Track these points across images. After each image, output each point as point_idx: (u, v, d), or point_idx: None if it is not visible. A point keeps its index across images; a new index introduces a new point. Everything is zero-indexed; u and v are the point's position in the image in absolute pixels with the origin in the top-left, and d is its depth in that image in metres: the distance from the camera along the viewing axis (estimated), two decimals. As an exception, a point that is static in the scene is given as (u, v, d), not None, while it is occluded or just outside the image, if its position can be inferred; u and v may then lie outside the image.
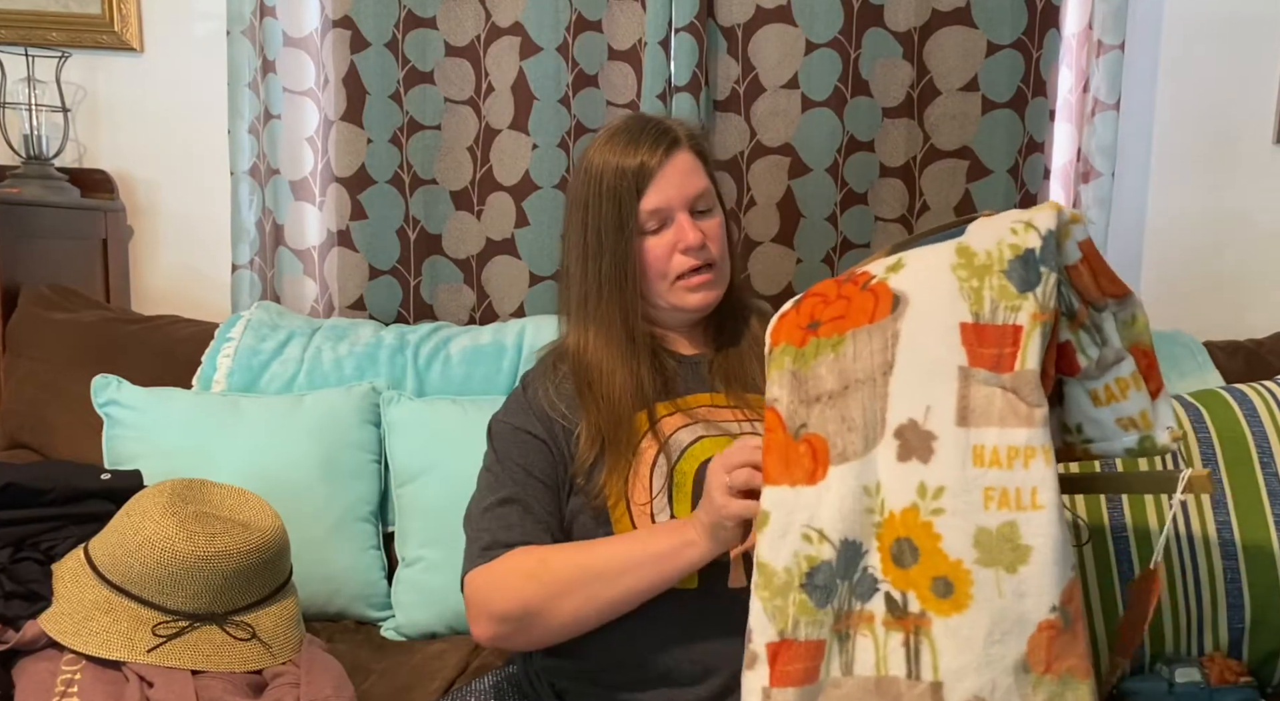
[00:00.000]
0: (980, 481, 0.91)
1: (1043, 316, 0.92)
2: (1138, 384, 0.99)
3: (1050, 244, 0.94)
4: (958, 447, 0.92)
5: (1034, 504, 0.90)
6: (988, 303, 0.94)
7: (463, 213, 2.02)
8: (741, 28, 1.94)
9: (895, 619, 0.93)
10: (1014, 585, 0.90)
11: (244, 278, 1.97)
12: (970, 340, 0.93)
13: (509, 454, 1.20)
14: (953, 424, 0.92)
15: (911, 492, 0.93)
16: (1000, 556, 0.90)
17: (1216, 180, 2.01)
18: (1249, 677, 1.29)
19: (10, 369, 1.79)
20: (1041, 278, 0.93)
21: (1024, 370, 0.92)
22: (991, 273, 0.94)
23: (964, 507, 0.91)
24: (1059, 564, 0.89)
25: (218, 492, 1.37)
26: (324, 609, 1.58)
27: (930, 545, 0.92)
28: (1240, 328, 1.89)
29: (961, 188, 1.97)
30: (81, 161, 2.08)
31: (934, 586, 0.92)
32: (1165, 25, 1.98)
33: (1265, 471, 1.36)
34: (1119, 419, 1.00)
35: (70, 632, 1.24)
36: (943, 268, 0.97)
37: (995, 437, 0.91)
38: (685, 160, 1.21)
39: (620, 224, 1.19)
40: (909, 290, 0.97)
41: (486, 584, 1.12)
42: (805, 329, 1.02)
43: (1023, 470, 0.90)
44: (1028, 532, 0.89)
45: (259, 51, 1.94)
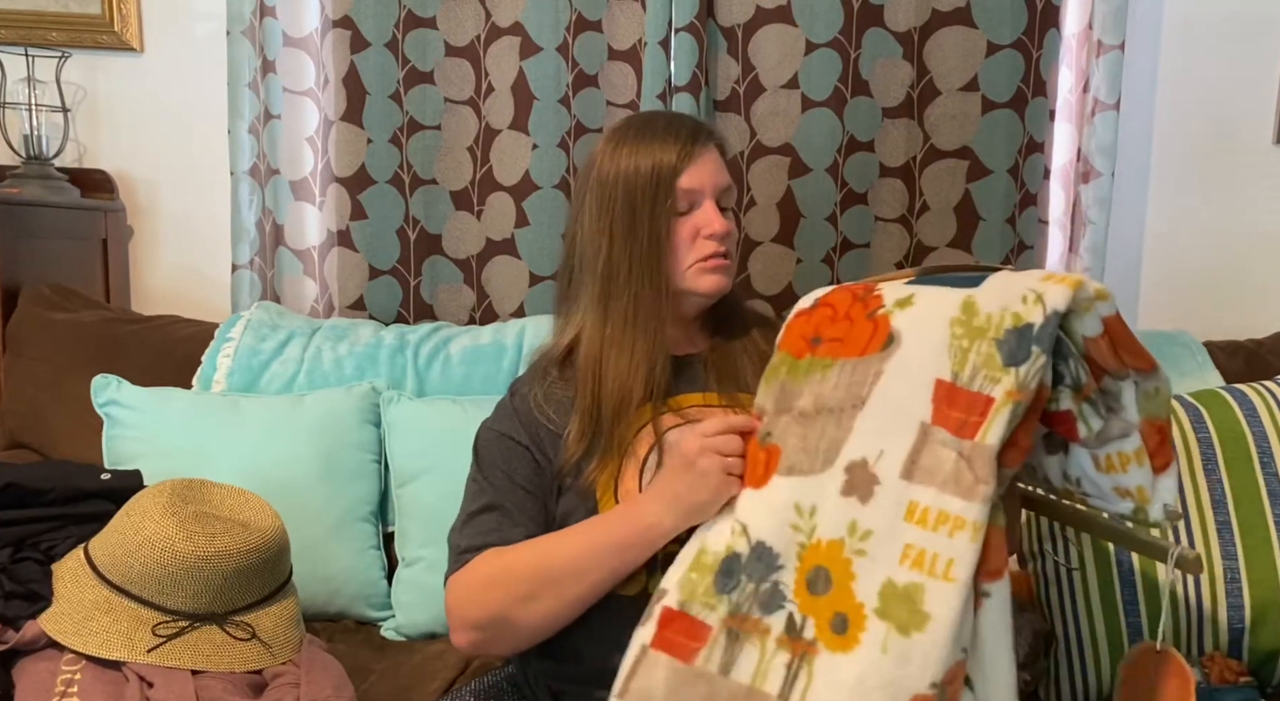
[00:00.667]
0: (904, 536, 0.91)
1: (1017, 395, 0.90)
2: (1140, 460, 0.96)
3: (1051, 324, 0.90)
4: (895, 498, 0.92)
5: (946, 574, 0.88)
6: (970, 367, 0.92)
7: (463, 213, 2.02)
8: (741, 28, 1.94)
9: (789, 639, 0.94)
10: (901, 648, 0.88)
11: (244, 278, 1.97)
12: (940, 398, 0.93)
13: (492, 461, 1.21)
14: (897, 475, 0.93)
15: (843, 528, 0.94)
16: (897, 613, 0.89)
17: (1216, 180, 2.01)
18: (1249, 677, 1.29)
19: (10, 369, 1.79)
20: (1030, 357, 0.90)
21: (982, 443, 0.90)
22: (984, 338, 0.93)
23: (883, 556, 0.91)
24: (952, 642, 0.87)
25: (218, 492, 1.37)
26: (324, 609, 1.59)
27: (844, 581, 0.93)
28: (1240, 328, 1.89)
29: (961, 188, 1.97)
30: (81, 161, 2.08)
31: (833, 621, 0.92)
32: (1165, 25, 1.98)
33: (1265, 471, 1.36)
34: (1116, 487, 0.98)
35: (70, 632, 1.24)
36: (942, 318, 0.96)
37: (931, 498, 0.90)
38: (715, 155, 1.25)
39: (656, 199, 1.20)
40: (905, 331, 0.97)
41: (459, 592, 1.14)
42: (808, 342, 1.04)
43: (946, 538, 0.89)
44: (930, 600, 0.88)
45: (259, 51, 1.94)
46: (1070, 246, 2.00)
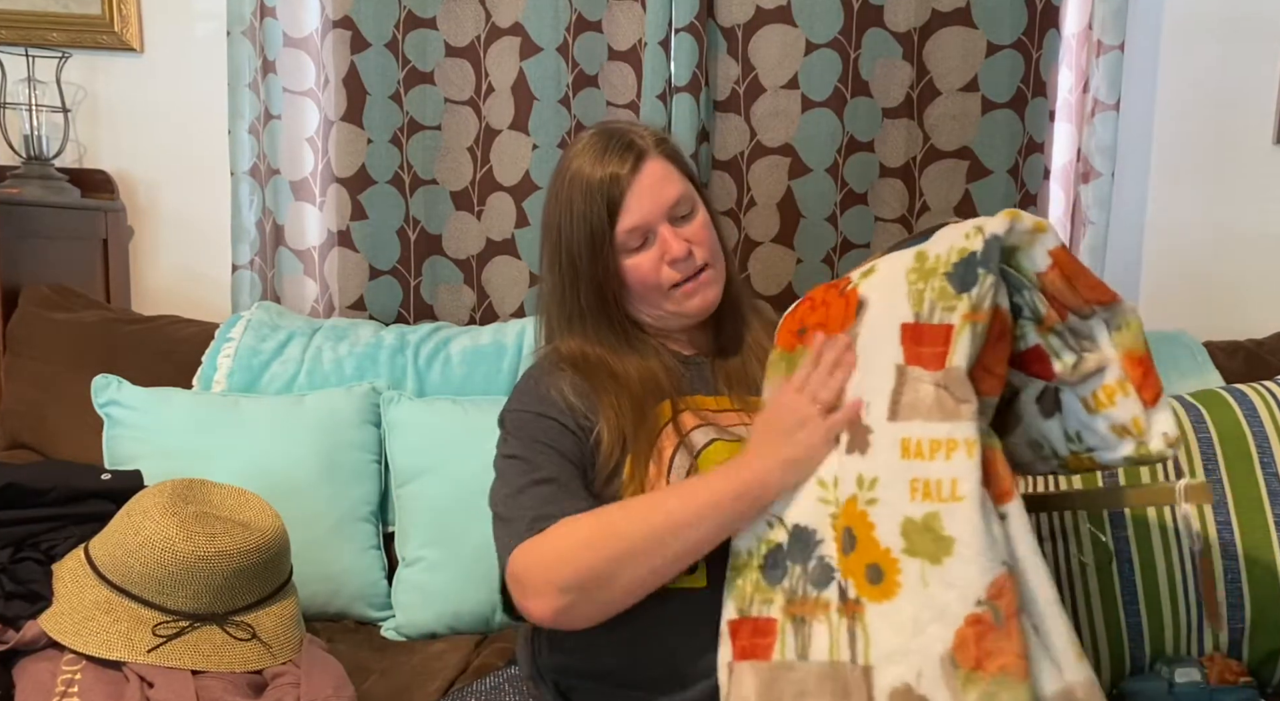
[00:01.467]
0: (907, 472, 0.94)
1: (974, 316, 0.94)
2: (1125, 390, 0.99)
3: (993, 248, 0.95)
4: (889, 440, 0.96)
5: (954, 495, 0.91)
6: (927, 303, 0.97)
7: (463, 213, 2.03)
8: (741, 28, 1.94)
9: (844, 605, 0.97)
10: (939, 575, 0.91)
11: (244, 278, 1.97)
12: (908, 339, 0.97)
13: (536, 437, 1.15)
14: (884, 418, 0.96)
15: (853, 484, 0.97)
16: (924, 546, 0.92)
17: (1216, 180, 2.01)
18: (1249, 677, 1.29)
19: (10, 369, 1.79)
20: (978, 279, 0.95)
21: (951, 367, 0.94)
22: (936, 275, 0.97)
23: (893, 498, 0.94)
24: (983, 556, 0.89)
25: (218, 492, 1.37)
26: (324, 609, 1.58)
27: (865, 533, 0.95)
28: (1240, 328, 1.89)
29: (961, 188, 1.97)
30: (82, 162, 2.08)
31: (867, 573, 0.94)
32: (1165, 25, 1.98)
33: (1265, 471, 1.36)
34: (1112, 426, 1.00)
35: (70, 632, 1.24)
36: (899, 272, 1.01)
37: (920, 430, 0.94)
38: (655, 169, 1.17)
39: (595, 250, 1.16)
40: (870, 295, 1.03)
41: (542, 556, 1.06)
42: (796, 334, 1.09)
43: (944, 461, 0.92)
44: (949, 524, 0.91)
45: (259, 52, 1.94)
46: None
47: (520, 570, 1.07)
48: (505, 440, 1.19)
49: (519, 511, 1.11)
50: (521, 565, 1.07)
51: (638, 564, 1.05)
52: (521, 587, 1.08)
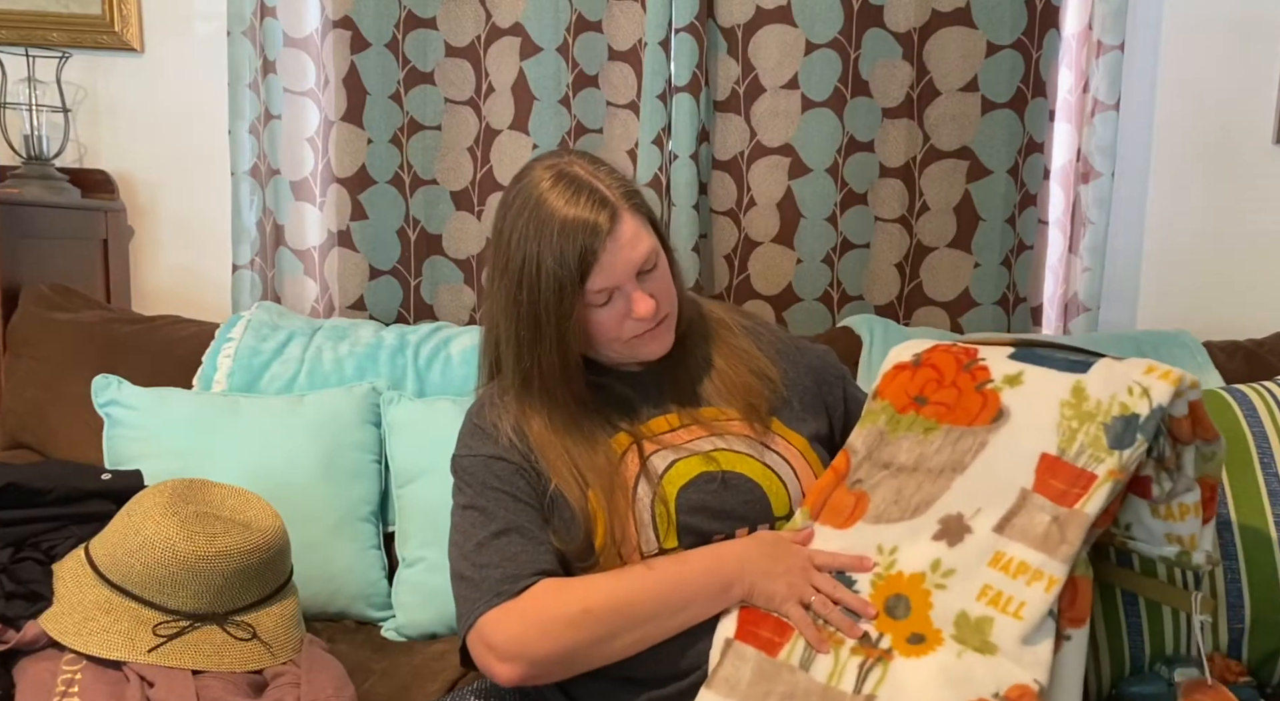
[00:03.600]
0: (985, 577, 1.00)
1: (1118, 475, 0.99)
2: (1198, 512, 1.06)
3: (1156, 416, 1.00)
4: (984, 547, 1.01)
5: (1016, 613, 0.97)
6: (1077, 444, 1.02)
7: (463, 213, 2.03)
8: (741, 28, 1.94)
9: (863, 648, 1.02)
10: (972, 659, 0.97)
11: (244, 278, 1.97)
12: (1044, 469, 1.02)
13: (488, 483, 1.14)
14: (990, 529, 1.01)
15: (926, 564, 1.03)
16: (970, 640, 0.98)
17: (1216, 180, 2.01)
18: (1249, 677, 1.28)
19: (10, 369, 1.79)
20: (1134, 444, 1.00)
21: (1080, 512, 0.99)
22: (1093, 421, 1.02)
23: (962, 591, 1.01)
24: (1017, 667, 0.96)
25: (218, 493, 1.37)
26: (324, 609, 1.58)
27: (921, 609, 1.02)
28: (1240, 328, 1.89)
29: (961, 188, 1.97)
30: (82, 162, 2.08)
31: (910, 637, 1.01)
32: (1165, 25, 1.98)
33: (1265, 471, 1.36)
34: (1168, 534, 1.07)
35: (71, 632, 1.24)
36: (1053, 399, 1.05)
37: (1019, 551, 0.99)
38: (628, 228, 1.11)
39: (562, 310, 1.11)
40: (1014, 408, 1.07)
41: (520, 625, 1.07)
42: (912, 399, 1.13)
43: (1024, 586, 0.98)
44: (998, 632, 0.97)
45: (259, 52, 1.94)
46: (1070, 246, 2.00)
47: (491, 635, 1.07)
48: (458, 489, 1.18)
49: (483, 571, 1.09)
50: (493, 631, 1.07)
51: (621, 641, 1.09)
52: (492, 651, 1.08)
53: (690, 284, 1.93)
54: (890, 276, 2.01)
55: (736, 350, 1.27)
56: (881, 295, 2.02)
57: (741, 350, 1.27)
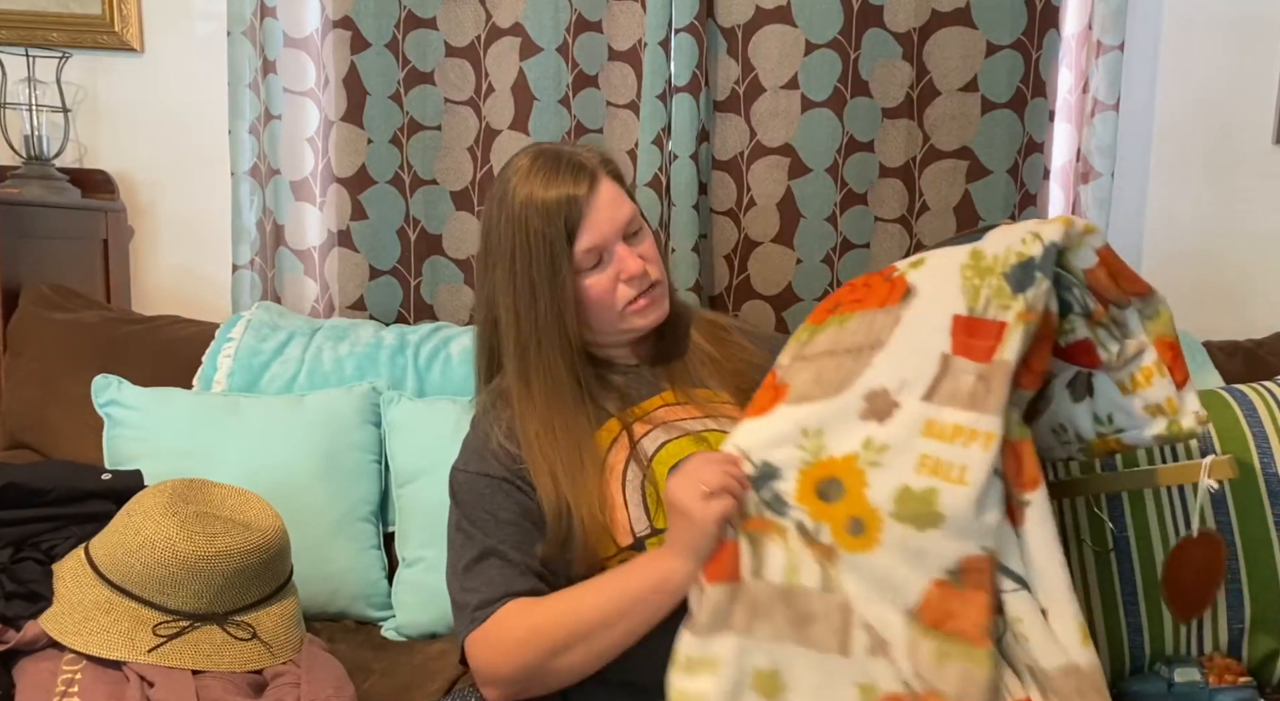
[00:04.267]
0: (921, 447, 0.99)
1: (1028, 316, 0.99)
2: (1161, 371, 1.06)
3: (1050, 254, 1.01)
4: (914, 418, 1.00)
5: (961, 480, 0.97)
6: (983, 299, 1.02)
7: (463, 213, 2.03)
8: (741, 28, 1.94)
9: (806, 541, 1.01)
10: (919, 541, 0.97)
11: (244, 278, 1.97)
12: (959, 331, 1.02)
13: (473, 504, 1.18)
14: (918, 398, 1.01)
15: (857, 444, 1.01)
16: (913, 514, 0.97)
17: (1216, 180, 2.01)
18: (1249, 677, 1.29)
19: (10, 369, 1.79)
20: (1035, 282, 1.00)
21: (999, 360, 0.99)
22: (994, 274, 1.02)
23: (899, 466, 0.99)
24: (964, 536, 0.96)
25: (218, 492, 1.37)
26: (324, 609, 1.59)
27: (856, 488, 1.00)
28: (1240, 328, 1.89)
29: (961, 188, 1.97)
30: (82, 162, 2.08)
31: (849, 525, 1.00)
32: (1165, 25, 1.98)
33: (1265, 471, 1.36)
34: (1146, 406, 1.06)
35: (71, 632, 1.24)
36: (954, 266, 1.05)
37: (951, 415, 0.99)
38: (608, 190, 1.18)
39: (554, 270, 1.15)
40: (920, 283, 1.06)
41: (485, 650, 1.13)
42: (828, 311, 1.12)
43: (961, 448, 0.97)
44: (945, 502, 0.96)
45: (259, 52, 1.94)
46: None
47: (472, 660, 1.15)
48: (450, 505, 1.22)
49: (465, 596, 1.15)
50: (472, 656, 1.14)
51: (573, 654, 1.10)
52: (476, 676, 1.15)
53: (690, 284, 1.93)
54: (890, 276, 2.01)
55: (730, 343, 1.31)
56: (881, 295, 2.02)
57: (735, 343, 1.31)
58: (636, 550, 1.15)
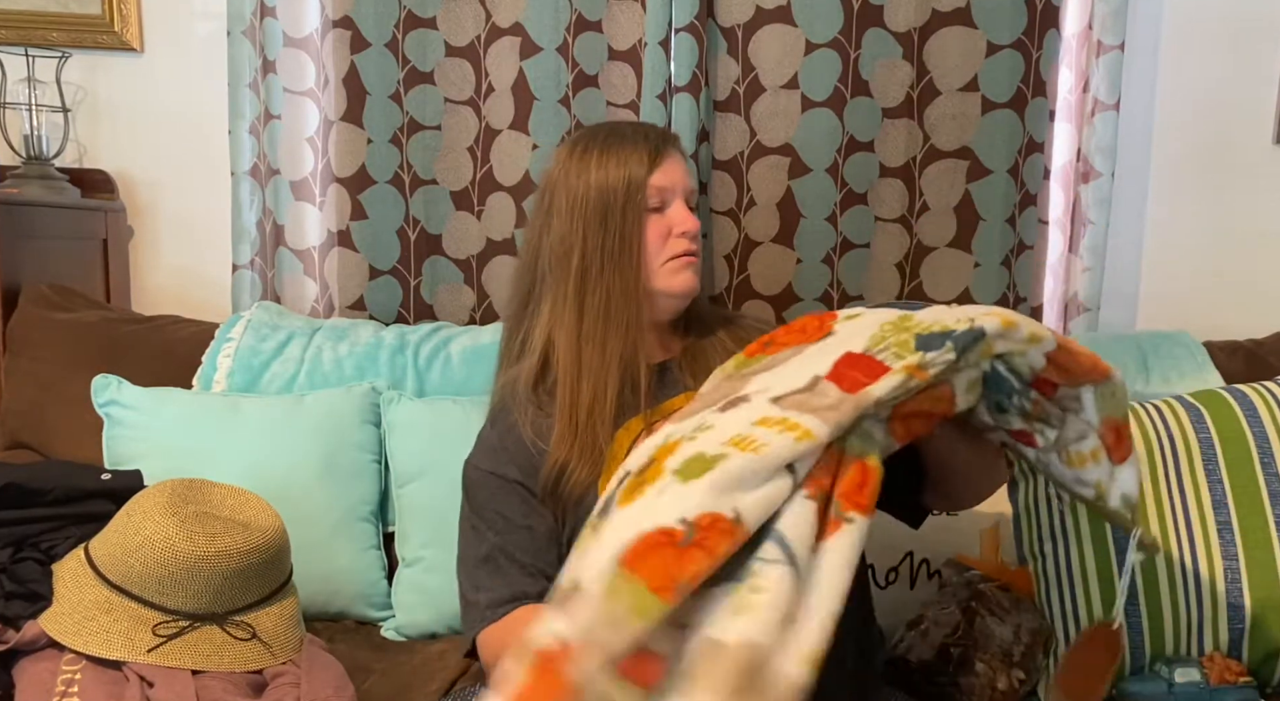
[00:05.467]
0: (741, 430, 0.91)
1: (916, 372, 0.93)
2: (1097, 458, 1.02)
3: (972, 335, 0.95)
4: (755, 410, 0.94)
5: (754, 449, 0.88)
6: (882, 345, 0.97)
7: (463, 213, 2.03)
8: (741, 28, 1.94)
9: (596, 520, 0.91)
10: (672, 490, 0.87)
11: (244, 278, 1.97)
12: (842, 363, 0.97)
13: (485, 502, 1.22)
14: (768, 399, 0.94)
15: (691, 428, 0.94)
16: (688, 470, 0.87)
17: (1216, 180, 2.01)
18: (1249, 677, 1.29)
19: (10, 369, 1.79)
20: (942, 348, 0.94)
21: (863, 393, 0.91)
22: (908, 332, 0.98)
23: (709, 440, 0.91)
24: (718, 491, 0.85)
25: (218, 492, 1.37)
26: (324, 609, 1.59)
27: (662, 457, 0.91)
28: (1240, 328, 1.89)
29: (961, 188, 1.97)
30: (82, 161, 2.08)
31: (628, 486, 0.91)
32: (1165, 25, 1.98)
33: (1265, 471, 1.36)
34: (1079, 480, 1.04)
35: (70, 632, 1.24)
36: (877, 321, 1.02)
37: (785, 413, 0.92)
38: (681, 160, 1.28)
39: (629, 197, 1.22)
40: (840, 329, 1.04)
41: (500, 649, 1.13)
42: (762, 345, 1.10)
43: (775, 433, 0.89)
44: (724, 462, 0.87)
45: (259, 51, 1.94)
46: (1070, 246, 2.00)
47: (483, 656, 1.18)
48: (464, 499, 1.25)
49: (475, 593, 1.20)
50: (483, 652, 1.18)
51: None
52: (490, 671, 1.16)
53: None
54: (890, 276, 2.01)
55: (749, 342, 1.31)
56: (881, 295, 2.02)
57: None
58: None
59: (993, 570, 1.44)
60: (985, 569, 1.43)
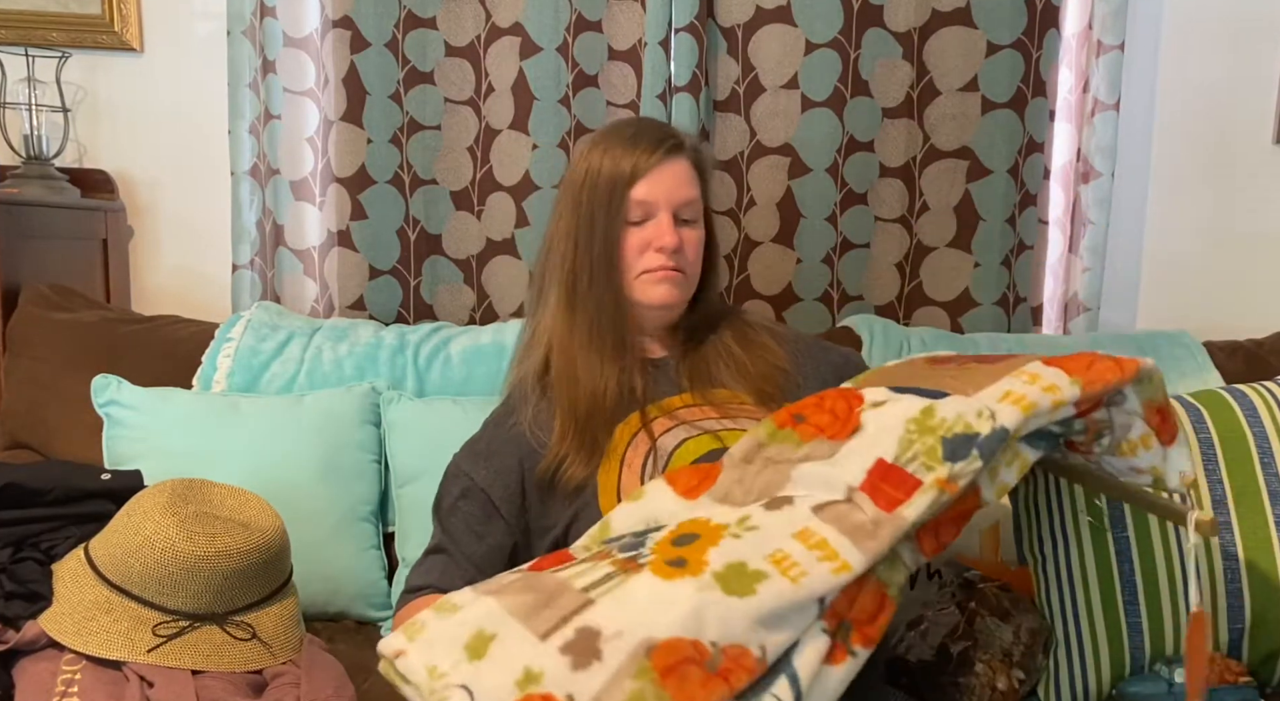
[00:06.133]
0: (782, 544, 0.96)
1: (947, 485, 0.98)
2: (1147, 444, 1.08)
3: (996, 439, 0.99)
4: (796, 519, 0.99)
5: (795, 578, 0.93)
6: (910, 452, 1.01)
7: (463, 213, 2.03)
8: (741, 28, 1.94)
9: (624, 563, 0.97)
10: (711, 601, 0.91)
11: (244, 278, 1.97)
12: (875, 473, 1.01)
13: (450, 500, 1.27)
14: (809, 508, 1.00)
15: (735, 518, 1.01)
16: (731, 582, 0.92)
17: (1216, 180, 2.02)
18: (1249, 677, 1.29)
19: (10, 369, 1.79)
20: (968, 457, 0.98)
21: (898, 515, 0.97)
22: (934, 434, 1.01)
23: (755, 543, 0.96)
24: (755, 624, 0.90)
25: (218, 492, 1.37)
26: (324, 609, 1.58)
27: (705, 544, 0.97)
28: (1240, 328, 1.89)
29: (961, 188, 1.97)
30: (82, 161, 2.08)
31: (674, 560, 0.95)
32: (1165, 25, 1.98)
33: (1265, 471, 1.36)
34: (1133, 467, 1.10)
35: (70, 632, 1.24)
36: (901, 417, 1.05)
37: (827, 532, 0.97)
38: (682, 168, 1.25)
39: (610, 206, 1.23)
40: (869, 424, 1.07)
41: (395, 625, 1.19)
42: (792, 417, 1.13)
43: (816, 560, 0.95)
44: (765, 587, 0.92)
45: (259, 51, 1.94)
46: (1070, 246, 2.00)
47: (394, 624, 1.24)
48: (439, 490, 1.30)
49: (410, 576, 1.27)
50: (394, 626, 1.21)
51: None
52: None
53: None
54: (890, 276, 2.01)
55: (755, 343, 1.34)
56: (881, 295, 2.02)
57: (760, 343, 1.34)
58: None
59: (993, 570, 1.44)
60: (985, 569, 1.43)
